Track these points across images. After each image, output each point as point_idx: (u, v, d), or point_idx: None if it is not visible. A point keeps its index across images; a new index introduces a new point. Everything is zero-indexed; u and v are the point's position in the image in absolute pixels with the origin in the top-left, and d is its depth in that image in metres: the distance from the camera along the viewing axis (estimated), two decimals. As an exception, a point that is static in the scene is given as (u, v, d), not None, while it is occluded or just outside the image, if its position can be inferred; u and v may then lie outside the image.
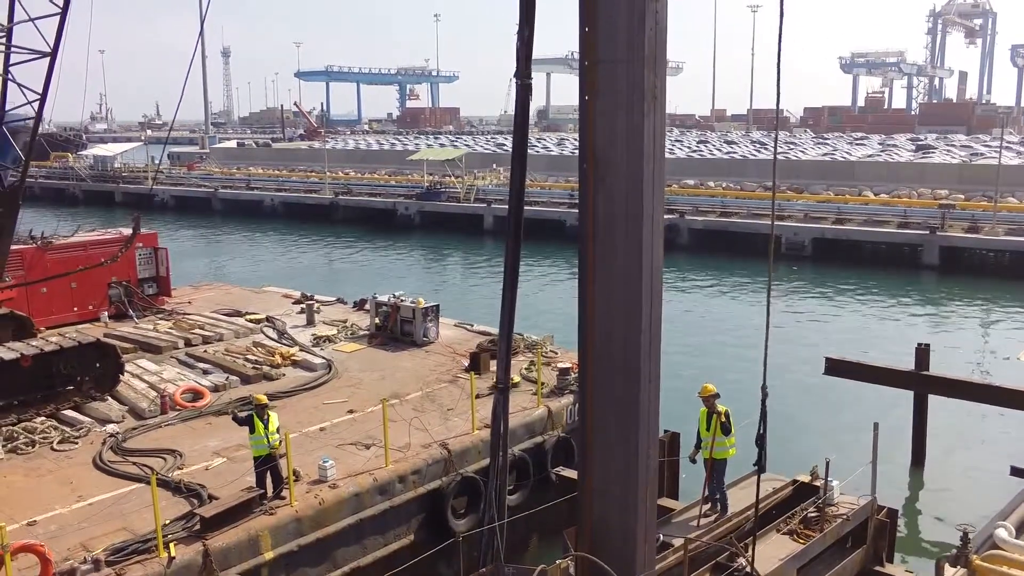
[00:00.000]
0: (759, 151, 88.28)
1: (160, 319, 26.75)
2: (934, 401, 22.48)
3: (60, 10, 19.61)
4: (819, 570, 12.53)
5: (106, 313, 26.97)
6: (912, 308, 41.82)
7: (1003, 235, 45.66)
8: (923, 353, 22.13)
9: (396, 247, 63.65)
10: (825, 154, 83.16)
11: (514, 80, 8.80)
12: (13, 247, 25.45)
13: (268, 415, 14.51)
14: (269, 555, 14.05)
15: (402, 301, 24.06)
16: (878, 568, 13.05)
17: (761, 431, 10.38)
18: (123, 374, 19.60)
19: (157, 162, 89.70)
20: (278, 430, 14.65)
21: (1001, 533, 12.72)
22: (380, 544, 15.81)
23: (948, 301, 42.86)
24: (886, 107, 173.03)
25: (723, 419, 12.79)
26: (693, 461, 13.89)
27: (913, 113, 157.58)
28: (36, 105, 20.86)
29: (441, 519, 16.56)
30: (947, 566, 12.37)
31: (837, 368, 23.37)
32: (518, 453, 18.04)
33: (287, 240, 68.17)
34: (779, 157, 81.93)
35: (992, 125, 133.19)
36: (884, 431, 24.18)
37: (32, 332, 22.05)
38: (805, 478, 14.00)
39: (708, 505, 13.21)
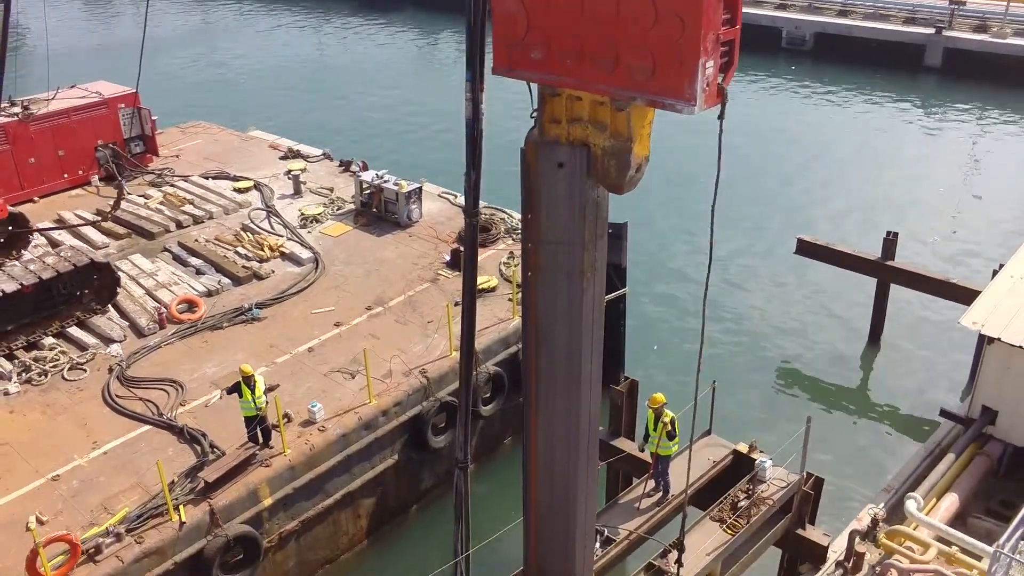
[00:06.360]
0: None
1: (150, 184, 27.25)
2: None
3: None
4: (745, 541, 14.28)
5: (96, 176, 27.45)
6: (906, 115, 41.57)
7: (1011, 36, 44.09)
8: (890, 243, 22.91)
9: (388, 26, 61.71)
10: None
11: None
12: (-5, 121, 25.54)
13: (254, 381, 15.74)
14: (268, 501, 15.94)
15: (385, 183, 24.41)
16: (799, 531, 14.80)
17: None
18: (120, 286, 20.61)
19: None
20: (266, 392, 15.95)
21: (910, 506, 14.33)
22: (367, 469, 17.71)
23: (943, 107, 42.43)
24: None
25: (668, 427, 13.98)
26: (642, 450, 15.26)
27: None
28: None
29: (422, 439, 18.35)
30: (858, 539, 14.17)
31: (807, 250, 24.31)
32: (492, 370, 19.44)
33: (277, 14, 65.92)
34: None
35: None
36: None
37: (26, 226, 22.74)
38: (744, 448, 15.43)
39: (652, 484, 14.77)
